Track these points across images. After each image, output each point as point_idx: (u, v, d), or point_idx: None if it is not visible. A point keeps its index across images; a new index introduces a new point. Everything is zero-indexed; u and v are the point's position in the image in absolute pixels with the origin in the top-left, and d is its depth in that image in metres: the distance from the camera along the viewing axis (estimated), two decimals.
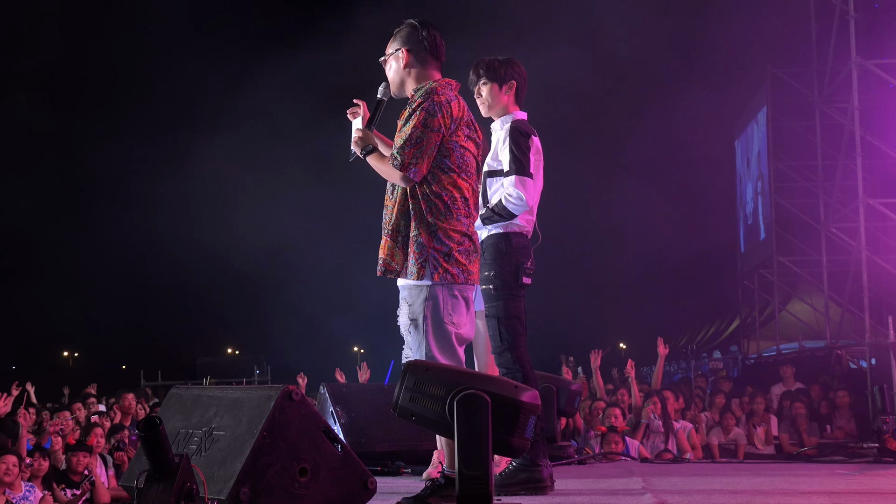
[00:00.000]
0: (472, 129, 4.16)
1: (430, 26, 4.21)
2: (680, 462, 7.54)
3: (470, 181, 4.08)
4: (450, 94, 4.08)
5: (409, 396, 3.55)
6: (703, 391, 12.06)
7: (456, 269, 3.97)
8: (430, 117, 3.98)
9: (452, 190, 4.00)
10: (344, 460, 3.65)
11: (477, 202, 4.15)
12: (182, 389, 4.24)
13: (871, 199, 12.88)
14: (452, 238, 3.98)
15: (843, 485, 5.15)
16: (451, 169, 4.02)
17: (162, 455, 3.27)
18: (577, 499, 4.44)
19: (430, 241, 3.97)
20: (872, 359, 12.04)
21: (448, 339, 4.00)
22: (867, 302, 12.36)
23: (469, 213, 4.08)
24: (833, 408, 10.09)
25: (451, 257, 3.96)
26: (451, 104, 4.05)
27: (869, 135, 13.31)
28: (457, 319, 4.02)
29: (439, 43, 4.21)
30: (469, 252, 4.04)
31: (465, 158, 4.05)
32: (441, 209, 3.99)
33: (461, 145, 4.03)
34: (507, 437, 3.45)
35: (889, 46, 13.68)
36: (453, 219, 4.00)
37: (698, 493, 4.64)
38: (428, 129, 3.98)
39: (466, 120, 4.10)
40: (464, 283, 4.02)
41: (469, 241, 4.05)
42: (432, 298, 3.99)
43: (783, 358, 15.26)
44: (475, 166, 4.13)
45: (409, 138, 3.98)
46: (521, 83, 4.90)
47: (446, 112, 4.01)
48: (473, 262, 4.07)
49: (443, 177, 4.01)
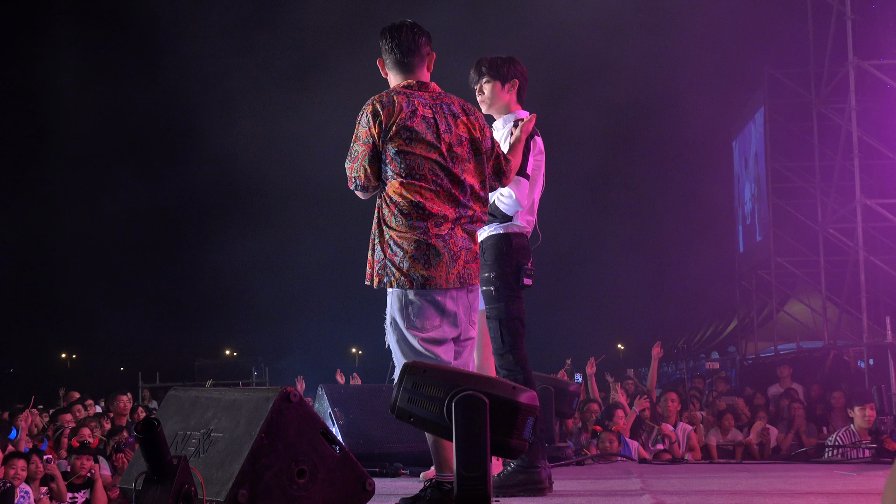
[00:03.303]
0: (419, 130, 3.95)
1: (394, 28, 4.13)
2: (678, 463, 7.55)
3: (422, 183, 3.94)
4: (385, 100, 3.99)
5: (407, 398, 3.55)
6: (699, 392, 12.08)
7: (411, 275, 3.92)
8: (360, 128, 4.00)
9: (401, 197, 3.94)
10: (342, 462, 3.65)
11: (450, 199, 3.99)
12: (180, 391, 4.24)
13: (869, 199, 12.90)
14: (403, 245, 3.93)
15: (841, 485, 5.15)
16: (395, 175, 3.95)
17: (160, 457, 3.27)
18: (575, 500, 4.44)
19: (386, 250, 3.97)
20: (870, 359, 12.05)
21: (412, 345, 3.95)
22: (865, 302, 12.37)
23: (425, 217, 3.93)
24: (829, 409, 10.10)
25: (405, 264, 3.92)
26: (383, 111, 3.95)
27: (866, 135, 13.33)
28: (421, 324, 3.95)
29: (404, 41, 4.09)
30: (428, 257, 3.93)
31: (408, 162, 3.94)
32: (392, 217, 3.96)
33: (401, 150, 3.93)
34: (506, 439, 3.45)
35: (886, 47, 13.71)
36: (404, 225, 3.93)
37: (697, 493, 4.64)
38: (359, 140, 4.00)
39: (404, 124, 3.93)
40: (420, 288, 3.93)
41: (426, 246, 3.93)
42: (394, 306, 4.00)
43: (781, 358, 15.26)
44: (429, 166, 3.95)
45: (349, 152, 4.05)
46: (522, 82, 4.90)
47: (374, 121, 3.95)
48: (435, 266, 3.93)
49: (389, 184, 3.97)
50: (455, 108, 4.11)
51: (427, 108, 4.03)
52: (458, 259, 4.00)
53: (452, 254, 3.99)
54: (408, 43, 4.11)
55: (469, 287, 4.07)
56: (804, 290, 17.76)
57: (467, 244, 4.06)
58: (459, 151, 4.06)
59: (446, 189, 4.00)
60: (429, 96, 4.08)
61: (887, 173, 14.17)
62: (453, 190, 4.02)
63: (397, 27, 4.14)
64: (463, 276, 4.02)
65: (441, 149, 4.00)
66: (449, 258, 3.97)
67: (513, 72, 4.85)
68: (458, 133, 4.07)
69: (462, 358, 4.08)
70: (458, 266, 4.00)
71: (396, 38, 4.11)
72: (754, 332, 18.68)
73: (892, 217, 12.91)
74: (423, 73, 4.15)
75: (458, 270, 4.00)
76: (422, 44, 4.14)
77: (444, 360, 3.95)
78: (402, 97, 4.01)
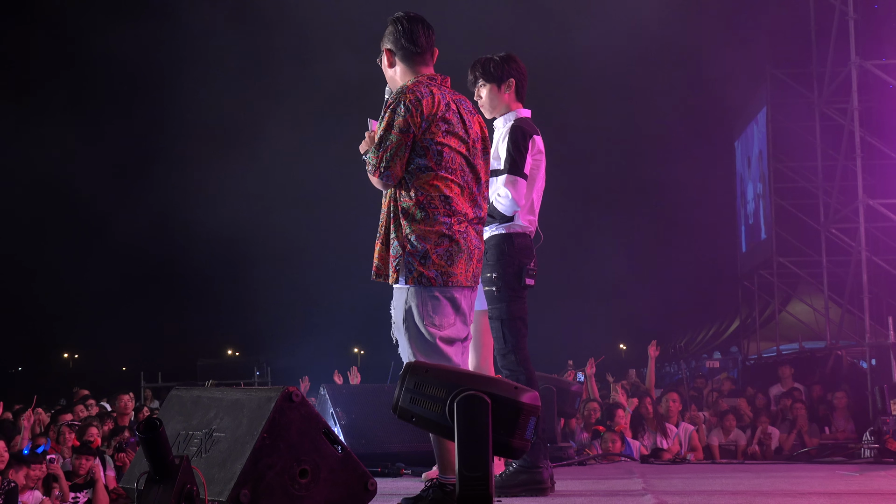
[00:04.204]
0: (453, 123, 3.96)
1: (408, 20, 4.07)
2: (680, 463, 7.55)
3: (453, 177, 3.92)
4: (423, 91, 3.93)
5: (409, 398, 3.55)
6: (699, 392, 12.08)
7: (433, 272, 3.86)
8: (398, 118, 3.88)
9: (429, 190, 3.88)
10: (344, 462, 3.65)
11: (470, 198, 3.99)
12: (182, 391, 4.24)
13: (871, 199, 12.88)
14: (428, 239, 3.87)
15: (843, 485, 5.15)
16: (427, 168, 3.89)
17: (162, 457, 3.27)
18: (577, 500, 4.44)
19: (406, 244, 3.89)
20: (873, 359, 12.04)
21: (430, 342, 3.90)
22: (867, 302, 12.36)
23: (451, 213, 3.91)
24: (831, 409, 10.09)
25: (428, 259, 3.86)
26: (423, 101, 3.89)
27: (869, 135, 13.32)
28: (439, 321, 3.91)
29: (419, 34, 4.05)
30: (451, 253, 3.89)
31: (443, 155, 3.90)
32: (416, 210, 3.88)
33: (437, 142, 3.89)
34: (508, 439, 3.45)
35: (889, 47, 13.68)
36: (430, 219, 3.87)
37: (699, 493, 4.64)
38: (396, 129, 3.88)
39: (443, 115, 3.92)
40: (441, 285, 3.89)
41: (449, 241, 3.89)
42: (411, 302, 3.91)
43: (783, 359, 15.25)
44: (459, 161, 3.95)
45: (380, 141, 3.91)
46: (520, 79, 4.85)
47: (416, 111, 3.87)
48: (457, 263, 3.90)
49: (419, 177, 3.90)
50: (469, 106, 4.12)
51: (453, 102, 4.01)
52: (472, 257, 3.99)
53: (469, 251, 3.97)
54: (424, 37, 4.07)
55: (474, 286, 4.07)
56: (806, 290, 17.76)
57: (478, 243, 4.05)
58: (479, 147, 4.06)
59: (469, 186, 3.99)
60: (448, 91, 4.05)
61: (890, 173, 14.16)
62: (473, 187, 4.01)
63: (413, 19, 4.07)
64: (475, 275, 4.03)
65: (469, 143, 4.00)
66: (467, 256, 3.95)
67: (508, 71, 4.81)
68: (475, 129, 4.07)
69: (460, 357, 4.08)
70: (473, 264, 4.00)
71: (414, 31, 4.05)
72: (756, 332, 18.68)
73: (894, 217, 12.89)
74: (433, 69, 4.12)
75: (473, 269, 4.00)
76: (433, 40, 4.12)
77: (455, 361, 3.91)
78: (436, 89, 3.97)
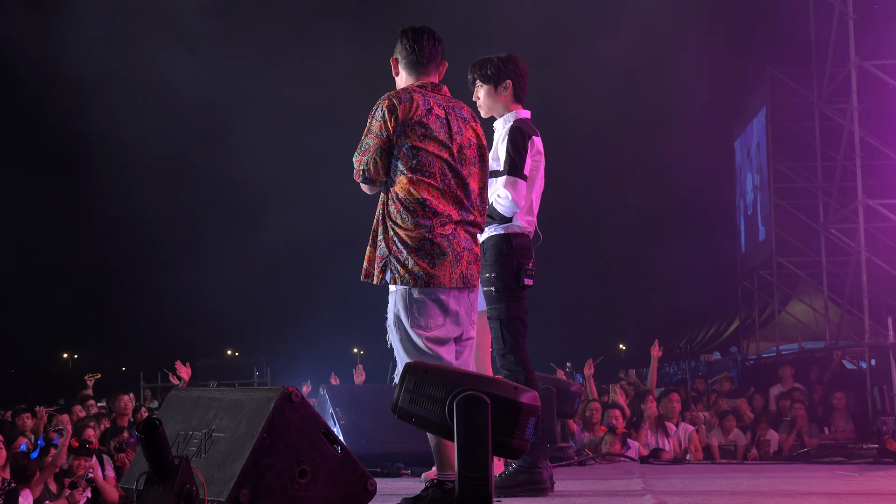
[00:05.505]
0: (433, 128, 4.01)
1: (413, 31, 4.20)
2: (680, 463, 7.55)
3: (430, 181, 3.99)
4: (403, 96, 4.04)
5: (408, 398, 3.55)
6: (698, 392, 12.08)
7: (415, 274, 3.93)
8: (375, 122, 4.02)
9: (408, 193, 3.97)
10: (344, 462, 3.65)
11: (455, 201, 4.04)
12: (182, 391, 4.24)
13: (871, 199, 12.88)
14: (408, 243, 3.95)
15: (842, 486, 5.15)
16: (403, 172, 3.99)
17: (161, 457, 3.27)
18: (577, 500, 4.44)
19: (392, 246, 3.98)
20: (872, 360, 12.04)
21: (417, 344, 3.97)
22: (867, 303, 12.36)
23: (432, 215, 3.97)
24: (830, 409, 10.09)
25: (409, 261, 3.94)
26: (400, 106, 3.99)
27: (868, 136, 13.31)
28: (425, 323, 3.97)
29: (423, 45, 4.17)
30: (432, 256, 3.96)
31: (419, 159, 3.99)
32: (400, 213, 3.98)
33: (413, 146, 3.98)
34: (507, 439, 3.45)
35: (888, 47, 13.68)
36: (412, 222, 3.96)
37: (698, 494, 4.64)
38: (373, 134, 4.02)
39: (420, 120, 3.99)
40: (423, 286, 3.95)
41: (430, 244, 3.96)
42: (398, 304, 4.01)
43: (783, 359, 15.26)
44: (439, 165, 4.01)
45: (359, 145, 4.06)
46: (518, 80, 4.86)
47: (390, 115, 3.98)
48: (439, 265, 3.97)
49: (397, 180, 4.00)
50: (465, 114, 4.20)
51: (441, 109, 4.10)
52: (461, 259, 4.05)
53: (456, 253, 4.03)
54: (428, 48, 4.19)
55: (470, 287, 4.11)
56: (806, 290, 17.75)
57: (469, 245, 4.11)
58: (468, 154, 4.14)
59: (452, 190, 4.06)
60: (442, 98, 4.15)
61: (889, 173, 14.15)
62: (458, 192, 4.08)
63: (419, 31, 4.21)
64: (465, 277, 4.07)
65: (452, 149, 4.07)
66: (453, 257, 4.02)
67: (505, 72, 4.83)
68: (467, 136, 4.15)
69: (462, 358, 4.12)
70: (461, 266, 4.05)
71: (418, 42, 4.19)
72: (756, 332, 18.68)
73: (893, 217, 12.90)
74: (436, 79, 4.23)
75: (461, 270, 4.05)
76: (439, 52, 4.23)
77: (446, 359, 3.98)
78: (418, 94, 4.08)
